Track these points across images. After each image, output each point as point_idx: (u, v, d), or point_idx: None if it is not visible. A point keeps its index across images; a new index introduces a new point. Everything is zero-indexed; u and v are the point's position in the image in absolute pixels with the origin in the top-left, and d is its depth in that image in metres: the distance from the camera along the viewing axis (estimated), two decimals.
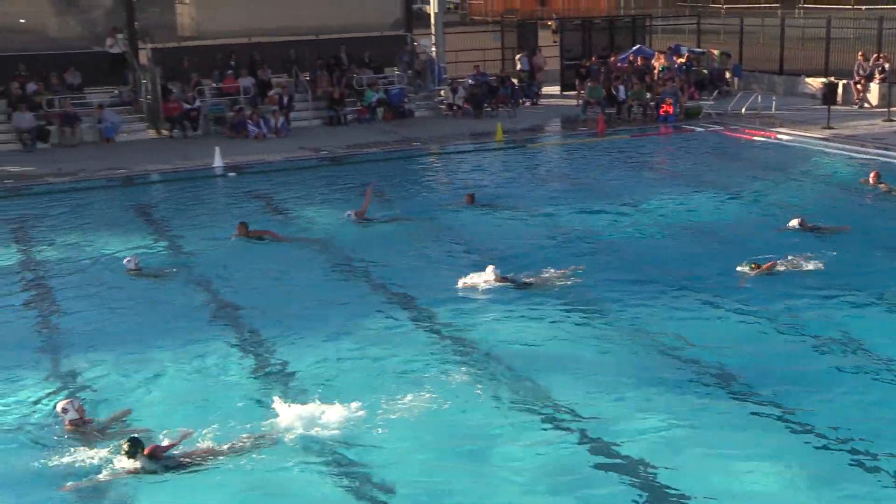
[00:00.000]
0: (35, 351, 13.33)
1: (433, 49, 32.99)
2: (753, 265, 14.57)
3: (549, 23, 42.48)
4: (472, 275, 14.80)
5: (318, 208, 20.08)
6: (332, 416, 10.57)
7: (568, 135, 28.36)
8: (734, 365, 11.70)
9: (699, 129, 27.42)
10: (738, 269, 14.71)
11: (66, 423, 10.52)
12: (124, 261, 16.29)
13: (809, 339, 12.36)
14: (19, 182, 23.33)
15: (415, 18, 34.24)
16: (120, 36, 29.45)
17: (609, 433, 10.04)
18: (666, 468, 9.26)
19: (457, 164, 25.22)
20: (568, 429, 10.22)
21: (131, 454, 9.57)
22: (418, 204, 20.82)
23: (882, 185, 19.19)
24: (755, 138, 25.96)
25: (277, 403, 10.79)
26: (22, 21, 30.03)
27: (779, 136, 25.79)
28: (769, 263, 14.59)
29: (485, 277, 14.58)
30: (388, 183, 22.83)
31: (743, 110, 28.69)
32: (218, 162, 24.14)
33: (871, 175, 19.49)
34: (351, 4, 32.08)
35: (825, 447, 9.56)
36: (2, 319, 14.53)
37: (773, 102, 29.19)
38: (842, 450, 9.46)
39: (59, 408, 10.71)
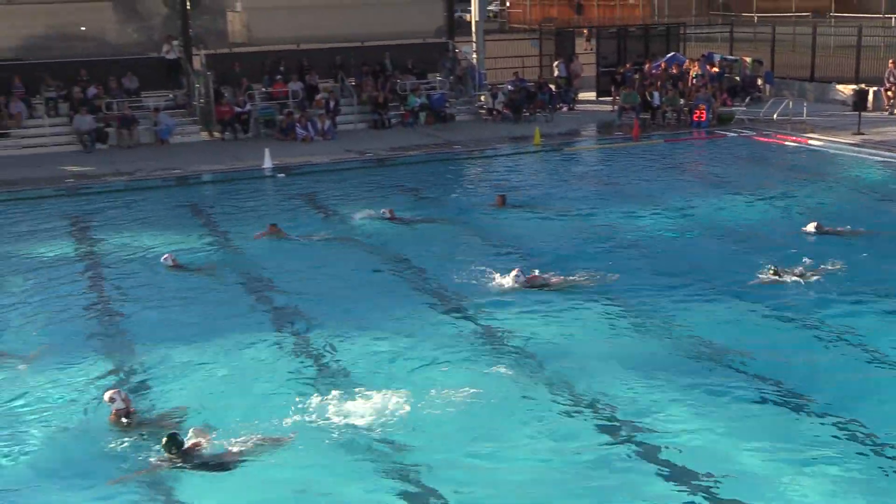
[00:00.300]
0: (89, 339, 13.49)
1: (474, 56, 33.01)
2: (772, 271, 14.40)
3: (584, 31, 42.47)
4: (498, 275, 14.73)
5: (361, 208, 19.96)
6: (371, 407, 10.58)
7: (603, 139, 28.36)
8: (765, 362, 11.54)
9: (731, 135, 27.32)
10: (760, 275, 14.65)
11: (113, 411, 10.55)
12: (162, 258, 16.44)
13: (849, 346, 12.13)
14: (79, 181, 23.58)
15: (456, 26, 34.30)
16: (175, 43, 29.70)
17: (647, 431, 9.93)
18: (706, 470, 9.10)
19: (495, 167, 25.26)
20: (605, 427, 10.12)
21: (170, 448, 9.53)
22: (456, 204, 20.87)
23: None
24: (786, 143, 25.85)
25: (316, 397, 10.87)
26: (83, 29, 30.39)
27: (810, 141, 25.72)
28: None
29: (510, 280, 14.48)
30: (428, 184, 22.98)
31: (775, 116, 28.48)
32: (267, 163, 24.28)
33: None
34: (395, 13, 32.32)
35: (858, 447, 9.45)
36: (60, 308, 14.72)
37: (805, 108, 28.91)
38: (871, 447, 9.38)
39: (106, 397, 10.75)
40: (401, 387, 11.24)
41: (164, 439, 9.62)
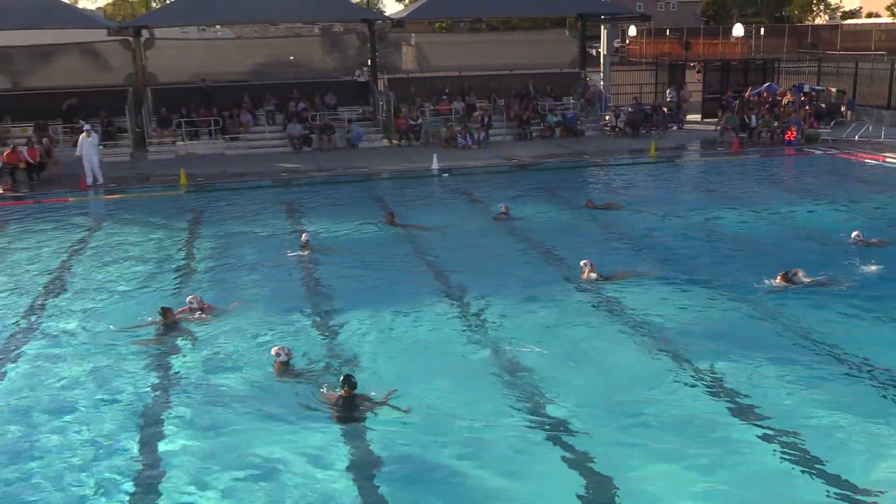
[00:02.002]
0: (283, 297, 13.64)
1: (601, 83, 33.47)
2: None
3: (692, 64, 42.68)
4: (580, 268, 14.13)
5: (504, 202, 19.81)
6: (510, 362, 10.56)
7: (707, 153, 28.36)
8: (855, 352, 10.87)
9: (818, 152, 27.20)
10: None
11: (276, 363, 10.53)
12: (302, 237, 16.52)
13: None
14: (290, 175, 24.80)
15: (587, 59, 34.62)
16: (365, 69, 31.09)
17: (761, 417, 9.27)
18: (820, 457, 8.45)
19: (617, 173, 25.31)
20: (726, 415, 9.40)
21: (345, 385, 9.34)
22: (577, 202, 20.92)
23: None
24: (866, 161, 25.57)
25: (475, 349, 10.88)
26: (292, 58, 32.14)
27: (886, 159, 25.37)
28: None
29: (587, 271, 13.92)
30: (562, 185, 23.20)
31: (856, 137, 28.26)
32: (435, 165, 25.08)
33: None
34: (538, 48, 33.42)
35: None
36: (264, 273, 15.03)
37: (883, 132, 28.61)
38: None
39: (273, 351, 10.67)
40: (544, 342, 11.23)
41: (343, 377, 9.46)
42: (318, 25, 38.37)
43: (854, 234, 15.88)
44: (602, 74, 34.13)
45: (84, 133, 24.67)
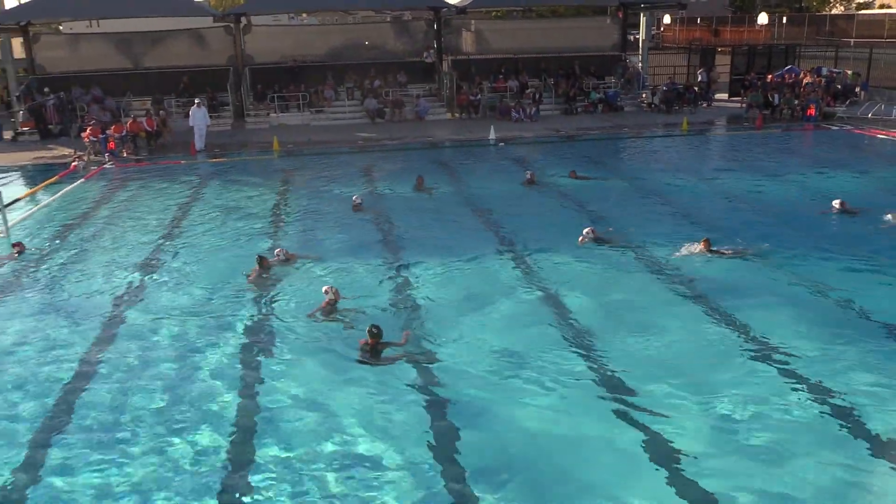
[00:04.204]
0: (354, 248, 13.35)
1: (640, 64, 32.69)
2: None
3: (721, 49, 41.47)
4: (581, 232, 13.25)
5: (553, 168, 19.74)
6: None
7: (733, 128, 27.61)
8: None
9: (834, 128, 26.28)
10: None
11: (324, 302, 10.27)
12: (353, 198, 16.19)
13: None
14: (367, 143, 24.74)
15: (627, 44, 33.95)
16: (431, 51, 30.76)
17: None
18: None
19: (652, 145, 24.65)
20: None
21: (371, 332, 8.95)
22: (624, 169, 20.66)
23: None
24: (877, 136, 24.67)
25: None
26: (366, 42, 31.82)
27: None
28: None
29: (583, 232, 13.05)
30: (602, 154, 22.71)
31: (870, 115, 27.20)
32: (492, 135, 24.75)
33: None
34: (584, 33, 32.60)
35: None
36: (341, 228, 14.82)
37: (894, 111, 27.33)
38: None
39: (323, 289, 10.48)
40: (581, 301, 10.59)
41: (369, 326, 9.06)
42: (390, 14, 37.97)
43: (835, 202, 15.02)
44: (640, 57, 33.29)
45: (195, 105, 24.90)
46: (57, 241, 14.79)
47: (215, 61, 29.83)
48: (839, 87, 31.41)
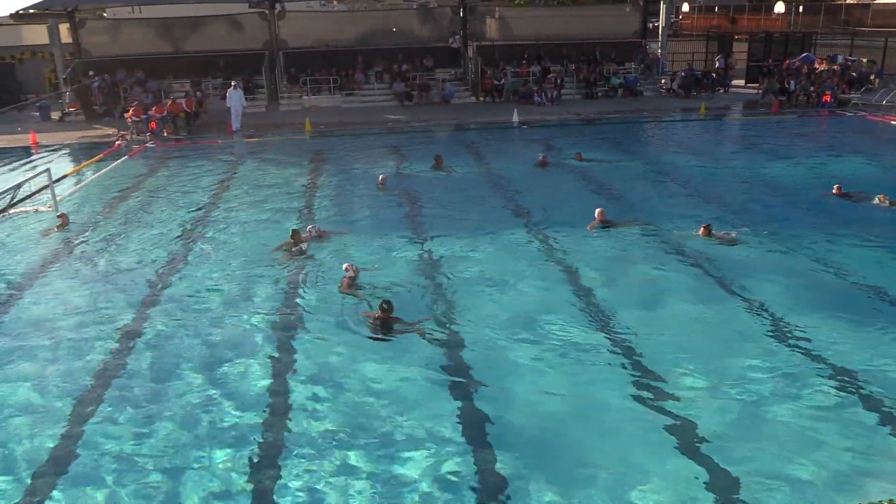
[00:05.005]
0: (375, 224, 13.29)
1: (659, 51, 31.98)
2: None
3: (738, 36, 40.64)
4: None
5: (572, 150, 19.42)
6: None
7: (749, 113, 26.90)
8: None
9: (848, 114, 25.57)
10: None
11: (345, 278, 10.13)
12: (378, 177, 16.13)
13: None
14: (395, 125, 24.56)
15: (647, 31, 33.29)
16: (457, 37, 30.34)
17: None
18: None
19: (672, 128, 24.29)
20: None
21: (382, 306, 8.77)
22: (640, 150, 20.34)
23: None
24: (892, 123, 23.92)
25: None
26: (394, 29, 31.27)
27: None
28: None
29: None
30: (622, 136, 22.40)
31: (884, 102, 26.39)
32: (515, 118, 24.40)
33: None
34: (605, 21, 31.70)
35: None
36: (364, 204, 14.71)
37: None
38: None
39: (344, 266, 10.37)
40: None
41: (381, 301, 8.89)
42: (417, 1, 37.47)
43: (835, 186, 14.67)
44: (660, 44, 32.44)
45: (232, 87, 24.83)
46: (100, 215, 14.85)
47: (251, 46, 29.64)
48: (854, 74, 30.56)
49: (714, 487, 5.98)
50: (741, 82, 32.94)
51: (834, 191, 14.65)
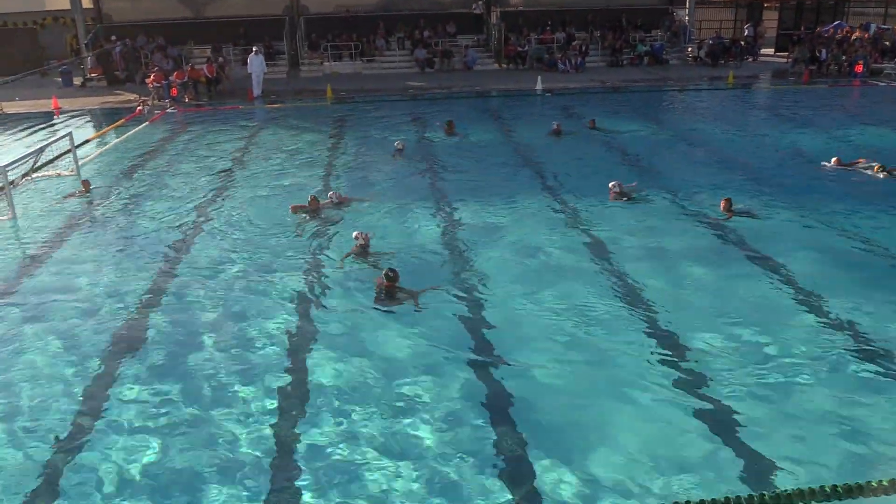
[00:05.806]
0: (400, 190, 13.14)
1: (686, 18, 31.35)
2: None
3: (768, 4, 39.45)
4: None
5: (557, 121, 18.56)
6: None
7: (778, 82, 26.36)
8: None
9: (881, 84, 24.98)
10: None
11: (355, 246, 9.92)
12: (395, 144, 15.96)
13: None
14: (417, 91, 24.38)
15: None
16: (480, 2, 29.87)
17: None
18: None
19: (698, 98, 23.81)
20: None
21: (388, 275, 8.64)
22: (666, 119, 20.05)
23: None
24: None
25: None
26: None
27: None
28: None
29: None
30: (646, 105, 22.03)
31: None
32: (539, 86, 24.09)
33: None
34: None
35: None
36: (385, 171, 14.60)
37: None
38: None
39: (354, 234, 10.11)
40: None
41: (386, 269, 8.77)
42: None
43: (833, 159, 14.37)
44: (687, 11, 31.78)
45: (253, 52, 24.71)
46: (122, 180, 14.86)
47: (271, 11, 29.35)
48: (887, 43, 29.65)
49: (748, 469, 5.73)
50: (770, 51, 32.20)
51: (832, 162, 14.35)
